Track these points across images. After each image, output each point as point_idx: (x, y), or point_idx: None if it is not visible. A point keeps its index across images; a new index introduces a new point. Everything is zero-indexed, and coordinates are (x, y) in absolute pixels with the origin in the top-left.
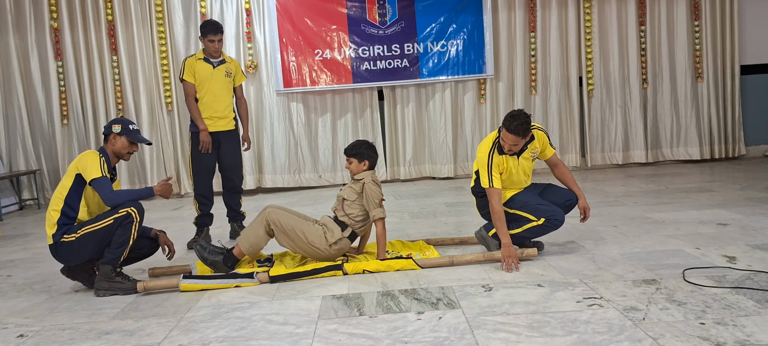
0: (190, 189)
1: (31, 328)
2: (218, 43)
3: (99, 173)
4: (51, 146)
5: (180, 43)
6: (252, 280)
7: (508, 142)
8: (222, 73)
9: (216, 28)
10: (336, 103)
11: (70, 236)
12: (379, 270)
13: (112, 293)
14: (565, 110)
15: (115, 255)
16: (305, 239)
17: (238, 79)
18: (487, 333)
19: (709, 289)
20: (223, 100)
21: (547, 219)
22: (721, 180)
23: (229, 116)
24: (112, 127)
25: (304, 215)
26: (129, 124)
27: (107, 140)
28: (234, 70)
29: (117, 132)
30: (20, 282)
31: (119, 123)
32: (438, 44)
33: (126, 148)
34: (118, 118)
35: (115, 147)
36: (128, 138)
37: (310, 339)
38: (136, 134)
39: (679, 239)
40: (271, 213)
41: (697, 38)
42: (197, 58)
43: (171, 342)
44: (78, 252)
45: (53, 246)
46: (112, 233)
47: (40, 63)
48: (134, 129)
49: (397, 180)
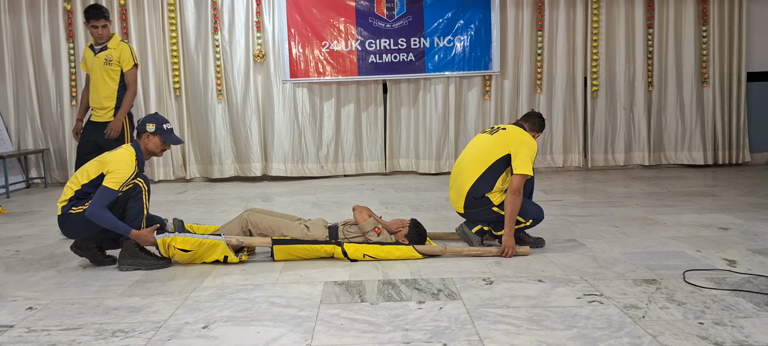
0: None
1: (40, 301)
2: (101, 29)
3: (116, 186)
4: (59, 127)
5: (191, 29)
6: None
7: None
8: (101, 60)
9: (96, 14)
10: (341, 95)
11: (78, 209)
12: (379, 255)
13: (136, 268)
14: (570, 110)
15: (135, 226)
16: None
17: (124, 66)
18: (488, 324)
19: (709, 290)
20: (100, 90)
21: (534, 219)
22: (724, 185)
23: (107, 107)
24: (146, 126)
25: (286, 214)
26: (163, 123)
27: (140, 137)
28: (117, 56)
29: (151, 131)
30: (28, 257)
31: (153, 122)
32: (444, 39)
33: (158, 147)
34: (152, 116)
35: (148, 146)
36: (161, 138)
37: (313, 322)
38: (170, 135)
39: (680, 240)
40: (250, 215)
41: (705, 43)
42: (88, 45)
43: (176, 320)
44: (84, 225)
45: (61, 217)
46: (124, 204)
47: (52, 44)
48: (168, 129)
49: (398, 173)
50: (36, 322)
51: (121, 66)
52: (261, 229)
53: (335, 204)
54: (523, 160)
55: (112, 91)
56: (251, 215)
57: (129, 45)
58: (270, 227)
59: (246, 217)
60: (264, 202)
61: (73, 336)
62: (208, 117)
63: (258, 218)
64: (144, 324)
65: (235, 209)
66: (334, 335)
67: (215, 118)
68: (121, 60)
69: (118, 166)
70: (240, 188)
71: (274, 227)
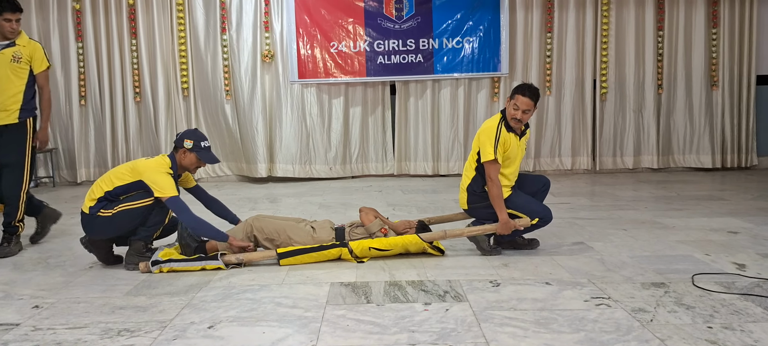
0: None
1: (46, 300)
2: (15, 23)
3: (174, 191)
4: (68, 126)
5: (200, 29)
6: (217, 262)
7: (521, 107)
8: (7, 57)
9: (14, 6)
10: (349, 96)
11: (107, 212)
12: (384, 247)
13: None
14: (578, 112)
15: (149, 233)
16: (290, 240)
17: (36, 66)
18: (494, 327)
19: (718, 294)
20: (5, 89)
21: (541, 219)
22: (733, 189)
23: (11, 109)
24: (184, 143)
25: (292, 217)
26: (201, 140)
27: (177, 151)
28: (27, 54)
29: (188, 148)
30: (35, 256)
31: (191, 139)
32: (453, 41)
33: (194, 164)
34: (191, 132)
35: (184, 161)
36: (197, 156)
37: (319, 323)
38: (207, 153)
39: (689, 244)
40: (256, 221)
41: (714, 46)
42: None
43: (182, 319)
44: (110, 228)
45: (88, 216)
46: (149, 212)
47: (61, 44)
48: (205, 146)
49: (406, 175)
50: (42, 320)
51: (32, 66)
52: (267, 233)
53: (342, 205)
54: (484, 148)
55: (18, 92)
56: (256, 221)
57: (40, 44)
58: (276, 230)
59: (251, 223)
60: (271, 203)
61: (79, 335)
62: (219, 117)
63: (263, 222)
64: (150, 324)
65: (242, 210)
66: (340, 337)
67: (225, 118)
68: (32, 59)
69: (155, 177)
70: (247, 188)
71: (279, 230)
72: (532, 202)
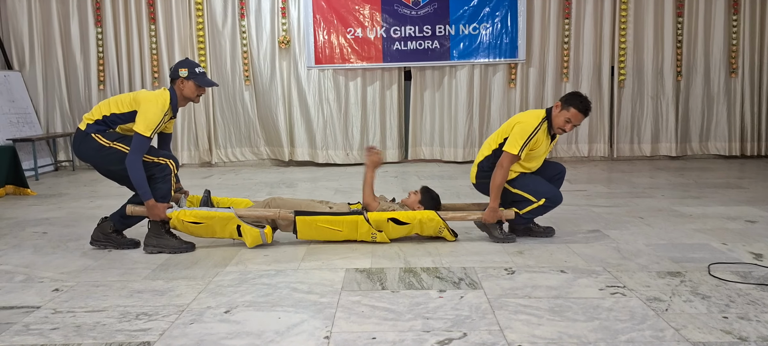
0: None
1: (66, 283)
2: None
3: (148, 132)
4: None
5: (218, 15)
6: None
7: (574, 122)
8: None
9: None
10: (365, 82)
11: (102, 139)
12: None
13: (160, 251)
14: (596, 99)
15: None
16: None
17: None
18: (509, 314)
19: (734, 284)
20: None
21: (548, 199)
22: (752, 177)
23: None
24: (179, 72)
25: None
26: (195, 67)
27: (174, 83)
28: None
29: (184, 76)
30: (55, 239)
31: (185, 67)
32: (470, 27)
33: (194, 92)
34: (184, 61)
35: (184, 91)
36: (195, 82)
37: (334, 309)
38: (203, 78)
39: (706, 233)
40: (272, 202)
41: (734, 33)
42: None
43: (199, 303)
44: (97, 155)
45: (83, 133)
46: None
47: (80, 28)
48: (200, 73)
49: (421, 160)
50: (62, 303)
51: None
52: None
53: (358, 191)
54: (513, 139)
55: None
56: (273, 202)
57: None
58: (294, 205)
59: (268, 202)
60: (288, 187)
61: (98, 318)
62: (237, 102)
63: (282, 199)
64: (167, 307)
65: (258, 195)
66: (355, 322)
67: (244, 103)
68: None
69: (148, 107)
70: (264, 173)
71: (297, 205)
72: (539, 182)
